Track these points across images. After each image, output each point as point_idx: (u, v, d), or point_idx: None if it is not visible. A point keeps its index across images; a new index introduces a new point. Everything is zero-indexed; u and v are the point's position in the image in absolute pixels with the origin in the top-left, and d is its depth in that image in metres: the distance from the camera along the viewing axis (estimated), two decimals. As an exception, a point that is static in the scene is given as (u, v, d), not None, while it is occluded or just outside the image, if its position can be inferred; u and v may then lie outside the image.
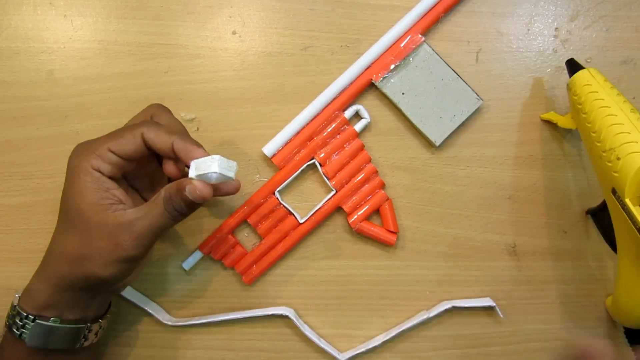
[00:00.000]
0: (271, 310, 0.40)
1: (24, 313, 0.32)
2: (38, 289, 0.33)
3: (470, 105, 0.41)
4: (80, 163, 0.32)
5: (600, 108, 0.34)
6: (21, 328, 0.32)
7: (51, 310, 0.32)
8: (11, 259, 0.40)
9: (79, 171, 0.31)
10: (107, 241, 0.31)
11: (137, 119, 0.35)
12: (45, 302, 0.32)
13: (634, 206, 0.32)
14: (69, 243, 0.32)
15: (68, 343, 0.33)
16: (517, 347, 0.42)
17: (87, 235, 0.31)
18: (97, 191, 0.32)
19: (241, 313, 0.41)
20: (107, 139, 0.32)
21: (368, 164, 0.41)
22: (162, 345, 0.41)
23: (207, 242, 0.40)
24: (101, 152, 0.32)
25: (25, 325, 0.32)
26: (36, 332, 0.32)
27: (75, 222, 0.32)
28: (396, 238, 0.41)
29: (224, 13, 0.42)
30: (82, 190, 0.31)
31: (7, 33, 0.41)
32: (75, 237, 0.32)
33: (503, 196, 0.42)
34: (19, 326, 0.32)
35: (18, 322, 0.32)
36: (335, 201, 0.41)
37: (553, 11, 0.43)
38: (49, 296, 0.32)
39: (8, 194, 0.40)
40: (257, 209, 0.40)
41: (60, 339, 0.33)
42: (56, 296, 0.32)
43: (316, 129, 0.40)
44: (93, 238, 0.31)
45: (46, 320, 0.32)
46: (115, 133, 0.33)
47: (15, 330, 0.32)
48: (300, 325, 0.40)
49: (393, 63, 0.41)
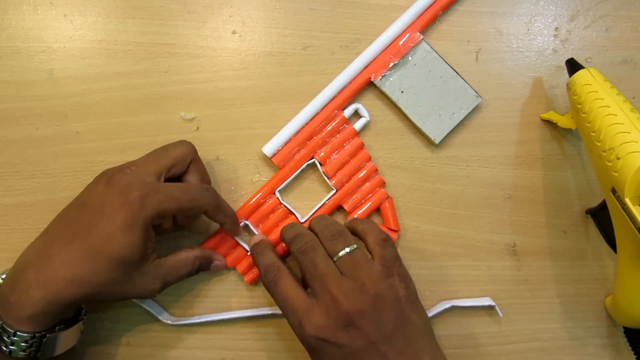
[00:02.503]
0: (271, 310, 0.40)
1: (29, 333, 0.31)
2: (30, 303, 0.31)
3: (469, 102, 0.41)
4: (144, 209, 0.31)
5: (600, 108, 0.34)
6: (10, 345, 0.30)
7: (41, 321, 0.31)
8: (11, 259, 0.40)
9: (135, 222, 0.31)
10: (136, 286, 0.33)
11: (177, 152, 0.35)
12: (35, 315, 0.31)
13: (633, 206, 0.32)
14: (88, 274, 0.31)
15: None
16: (517, 347, 0.42)
17: (120, 278, 0.32)
18: (146, 243, 0.32)
19: (241, 312, 0.41)
20: (174, 192, 0.33)
21: (368, 162, 0.41)
22: (162, 345, 0.41)
23: (208, 243, 0.40)
24: (164, 201, 0.32)
25: (18, 342, 0.30)
26: (49, 344, 0.32)
27: (106, 264, 0.31)
28: (397, 236, 0.41)
29: (224, 13, 0.42)
30: (134, 243, 0.31)
31: (7, 33, 0.41)
32: (102, 274, 0.31)
33: (503, 196, 0.42)
34: (7, 343, 0.30)
35: (6, 338, 0.30)
36: (336, 200, 0.41)
37: (553, 11, 0.43)
38: (45, 311, 0.31)
39: (8, 194, 0.40)
40: (258, 209, 0.40)
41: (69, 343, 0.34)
42: (54, 310, 0.31)
43: (316, 128, 0.40)
44: (124, 283, 0.32)
45: (52, 332, 0.32)
46: (181, 191, 0.33)
47: (4, 347, 0.30)
48: None
49: (392, 61, 0.41)
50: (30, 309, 0.30)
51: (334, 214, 0.42)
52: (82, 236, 0.31)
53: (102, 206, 0.31)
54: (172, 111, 0.41)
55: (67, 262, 0.31)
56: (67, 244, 0.31)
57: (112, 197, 0.31)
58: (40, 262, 0.31)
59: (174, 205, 0.32)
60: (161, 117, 0.41)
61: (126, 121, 0.41)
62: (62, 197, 0.40)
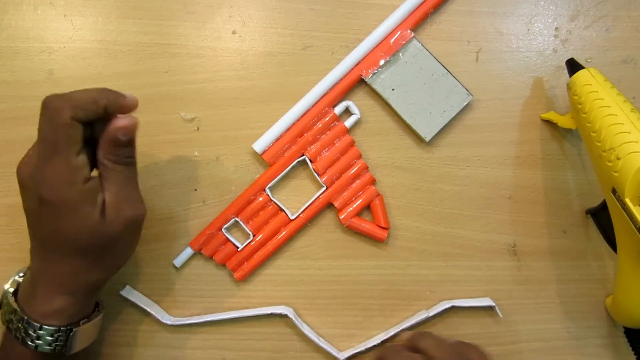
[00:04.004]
0: (270, 310, 0.40)
1: (55, 326, 0.31)
2: (54, 295, 0.32)
3: (460, 100, 0.41)
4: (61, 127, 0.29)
5: (600, 108, 0.34)
6: (36, 340, 0.31)
7: (66, 315, 0.32)
8: (11, 259, 0.40)
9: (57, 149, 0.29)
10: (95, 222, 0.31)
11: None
12: (62, 309, 0.32)
13: (634, 206, 0.32)
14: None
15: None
16: (517, 347, 0.42)
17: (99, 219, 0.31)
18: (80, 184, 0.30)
19: (240, 312, 0.41)
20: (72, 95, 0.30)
21: (358, 159, 0.41)
22: (162, 345, 0.41)
23: (197, 239, 0.40)
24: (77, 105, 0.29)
25: (44, 336, 0.31)
26: (74, 338, 0.32)
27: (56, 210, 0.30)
28: (387, 234, 0.41)
29: (224, 13, 0.42)
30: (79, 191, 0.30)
31: (7, 33, 0.41)
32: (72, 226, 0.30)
33: (503, 196, 0.42)
34: (33, 338, 0.31)
35: (32, 333, 0.31)
36: (326, 197, 0.41)
37: (553, 11, 0.43)
38: (71, 303, 0.32)
39: (8, 194, 0.40)
40: (248, 206, 0.41)
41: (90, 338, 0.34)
42: (79, 301, 0.33)
43: (306, 125, 0.40)
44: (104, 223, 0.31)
45: (77, 325, 0.33)
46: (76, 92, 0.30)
47: (30, 342, 0.31)
48: (300, 325, 0.40)
49: (383, 59, 0.41)
50: (56, 302, 0.32)
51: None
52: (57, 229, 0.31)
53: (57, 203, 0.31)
54: (172, 111, 0.41)
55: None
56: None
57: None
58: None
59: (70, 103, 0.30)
60: (161, 117, 0.41)
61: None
62: (62, 197, 0.40)
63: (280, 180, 0.41)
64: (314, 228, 0.42)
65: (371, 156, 0.42)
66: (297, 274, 0.42)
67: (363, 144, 0.42)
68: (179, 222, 0.41)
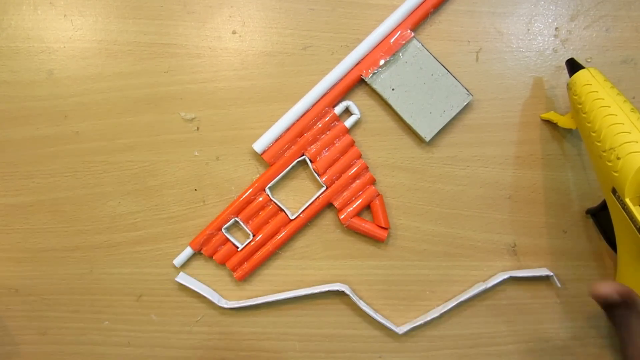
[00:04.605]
0: (327, 287, 0.41)
1: None
2: None
3: (460, 100, 0.41)
4: None
5: (600, 108, 0.34)
6: None
7: None
8: (11, 259, 0.40)
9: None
10: None
11: None
12: None
13: (634, 206, 0.32)
14: None
15: None
16: (517, 347, 0.42)
17: None
18: None
19: (295, 292, 0.41)
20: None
21: (358, 159, 0.41)
22: (162, 345, 0.41)
23: (197, 239, 0.40)
24: None
25: None
26: None
27: None
28: (387, 234, 0.41)
29: (224, 13, 0.42)
30: None
31: (7, 33, 0.41)
32: None
33: (503, 196, 0.42)
34: None
35: None
36: (326, 197, 0.41)
37: (553, 11, 0.43)
38: None
39: (8, 194, 0.40)
40: (248, 206, 0.41)
41: None
42: None
43: (306, 125, 0.40)
44: None
45: None
46: None
47: None
48: (357, 301, 0.41)
49: (383, 59, 0.41)
50: None
51: (324, 211, 0.42)
52: None
53: None
54: (172, 111, 0.41)
55: None
56: None
57: None
58: None
59: None
60: (161, 117, 0.41)
61: (126, 121, 0.41)
62: (62, 197, 0.40)
63: (280, 180, 0.41)
64: (313, 228, 0.42)
65: (371, 156, 0.42)
66: (297, 274, 0.42)
67: (363, 144, 0.42)
68: (179, 222, 0.41)
